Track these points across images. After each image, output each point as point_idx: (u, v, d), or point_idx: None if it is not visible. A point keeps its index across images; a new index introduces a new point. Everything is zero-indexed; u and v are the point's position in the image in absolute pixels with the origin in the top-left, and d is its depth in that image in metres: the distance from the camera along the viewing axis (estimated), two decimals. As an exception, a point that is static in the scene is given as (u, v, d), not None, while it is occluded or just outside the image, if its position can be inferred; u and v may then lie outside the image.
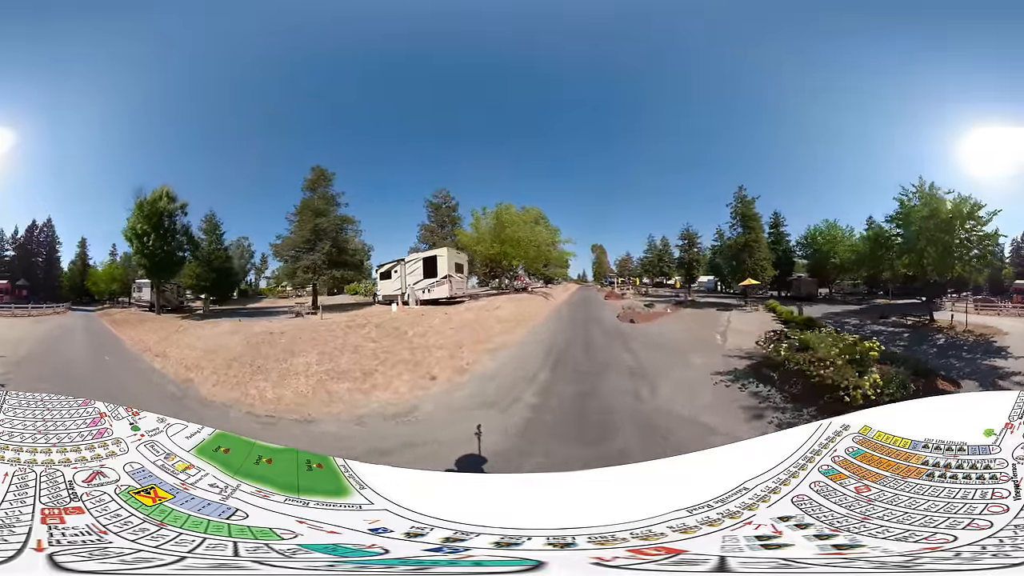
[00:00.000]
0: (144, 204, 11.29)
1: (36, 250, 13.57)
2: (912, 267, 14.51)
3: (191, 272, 12.29)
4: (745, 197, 20.55)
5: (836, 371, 11.46)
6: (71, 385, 9.15)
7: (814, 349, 12.32)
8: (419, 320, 17.98)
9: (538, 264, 26.25)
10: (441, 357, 14.60)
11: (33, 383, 8.18)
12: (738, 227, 21.03)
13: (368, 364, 12.85)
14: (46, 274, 13.58)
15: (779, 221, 21.21)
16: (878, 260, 16.11)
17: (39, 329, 9.98)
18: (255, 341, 12.10)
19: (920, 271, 14.46)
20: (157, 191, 11.60)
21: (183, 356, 11.20)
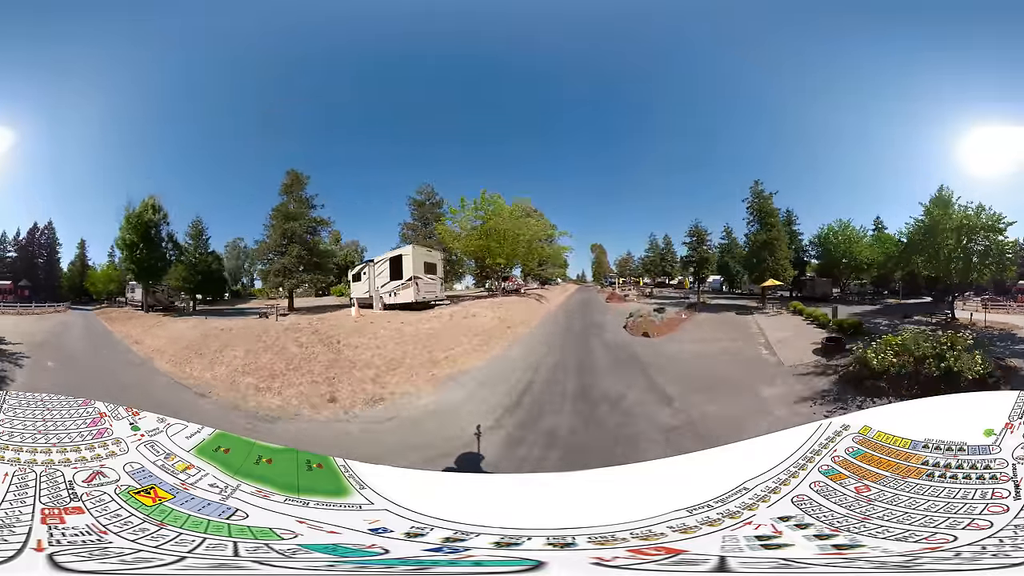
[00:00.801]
0: (131, 216, 12.27)
1: (37, 252, 14.15)
2: (938, 271, 15.19)
3: (177, 275, 13.37)
4: (762, 192, 19.31)
5: (957, 361, 11.45)
6: (75, 363, 11.53)
7: (911, 349, 12.11)
8: (364, 328, 15.69)
9: (530, 262, 24.31)
10: (359, 379, 12.18)
11: (51, 354, 10.92)
12: (755, 224, 19.70)
13: (279, 367, 12.86)
14: (47, 275, 14.18)
15: (791, 219, 20.26)
16: (907, 263, 16.47)
17: (45, 324, 12.06)
18: (207, 335, 13.48)
19: (947, 275, 15.15)
20: (144, 203, 12.44)
21: (153, 342, 13.17)
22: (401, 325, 16.09)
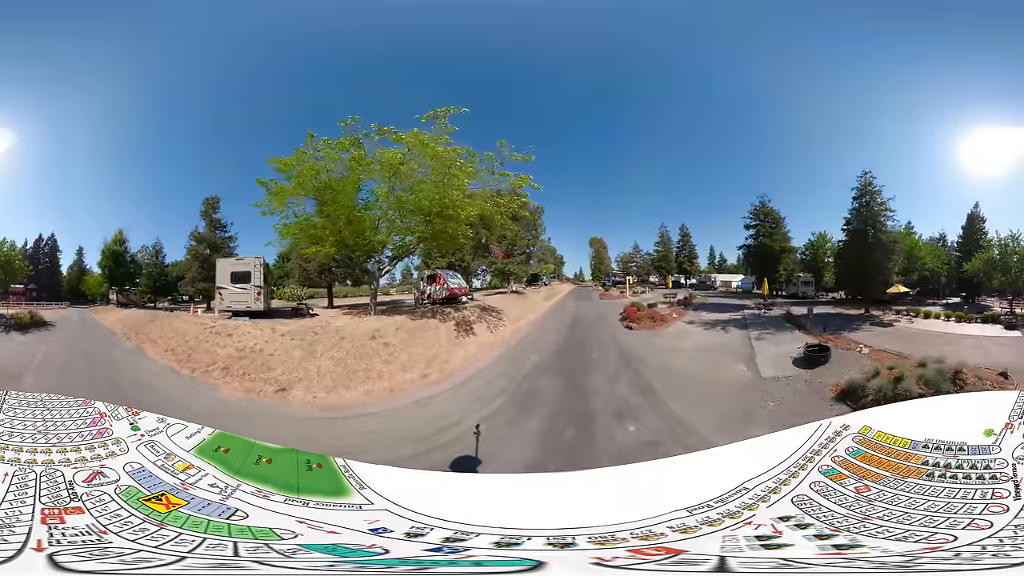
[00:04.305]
0: (106, 248, 18.01)
1: (42, 259, 18.24)
2: (1007, 285, 16.71)
3: (144, 283, 18.77)
4: (872, 186, 16.54)
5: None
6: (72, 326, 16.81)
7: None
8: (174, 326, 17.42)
9: (448, 246, 16.77)
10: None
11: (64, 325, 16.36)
12: (867, 222, 16.77)
13: (157, 332, 16.54)
14: (49, 279, 18.22)
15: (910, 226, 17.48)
16: (989, 276, 17.11)
17: (57, 315, 16.93)
18: (145, 320, 17.37)
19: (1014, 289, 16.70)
20: (115, 236, 18.02)
21: (118, 322, 17.47)
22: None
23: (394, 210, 16.07)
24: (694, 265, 21.27)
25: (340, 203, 15.56)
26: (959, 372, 11.16)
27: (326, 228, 15.90)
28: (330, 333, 15.10)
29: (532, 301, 20.54)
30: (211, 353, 14.10)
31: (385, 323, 15.75)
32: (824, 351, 13.98)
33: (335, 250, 16.44)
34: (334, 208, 15.67)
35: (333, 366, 13.57)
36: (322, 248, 16.13)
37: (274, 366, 13.44)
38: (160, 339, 15.15)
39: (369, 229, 16.21)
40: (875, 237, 16.83)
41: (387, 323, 15.75)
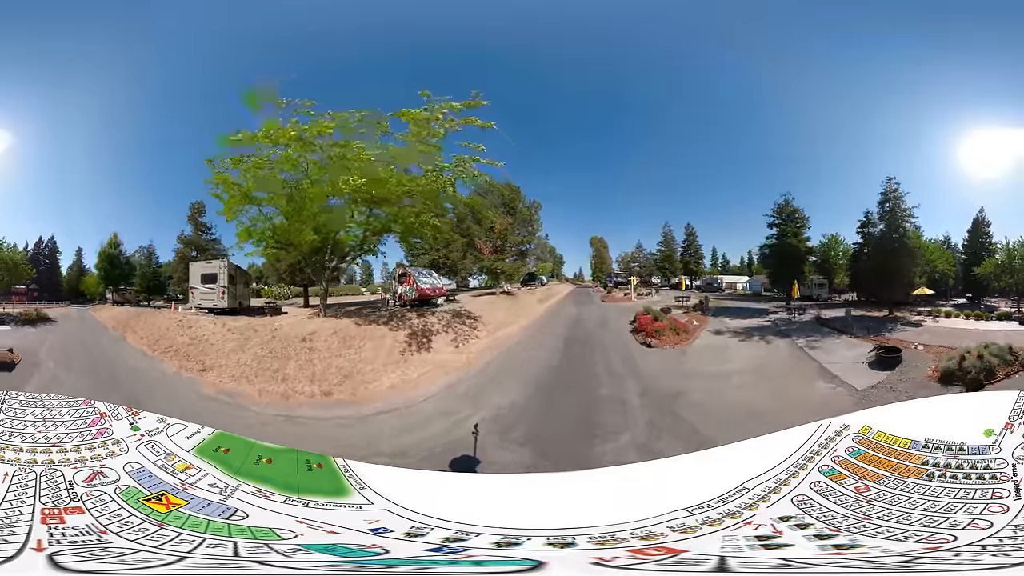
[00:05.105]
0: (102, 252, 19.00)
1: (43, 261, 19.11)
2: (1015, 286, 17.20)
3: (138, 283, 19.80)
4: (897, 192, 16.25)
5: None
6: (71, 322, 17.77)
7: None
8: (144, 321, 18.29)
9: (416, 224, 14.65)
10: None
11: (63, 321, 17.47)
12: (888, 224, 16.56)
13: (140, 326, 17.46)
14: (49, 280, 19.14)
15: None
16: (997, 278, 17.43)
17: (57, 313, 17.92)
18: (133, 315, 18.29)
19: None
20: (110, 239, 18.89)
21: (110, 318, 18.29)
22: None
23: (313, 202, 14.94)
24: (700, 266, 20.51)
25: (272, 202, 15.37)
26: (1011, 348, 12.20)
27: (266, 230, 15.85)
28: (268, 331, 15.28)
29: (523, 304, 18.70)
30: (172, 340, 15.84)
31: (325, 326, 14.87)
32: (895, 352, 13.49)
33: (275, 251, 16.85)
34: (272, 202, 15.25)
35: (251, 360, 13.99)
36: (266, 250, 16.73)
37: (208, 352, 14.75)
38: (139, 330, 17.04)
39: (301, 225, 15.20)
40: (901, 242, 16.65)
41: (328, 326, 14.82)
